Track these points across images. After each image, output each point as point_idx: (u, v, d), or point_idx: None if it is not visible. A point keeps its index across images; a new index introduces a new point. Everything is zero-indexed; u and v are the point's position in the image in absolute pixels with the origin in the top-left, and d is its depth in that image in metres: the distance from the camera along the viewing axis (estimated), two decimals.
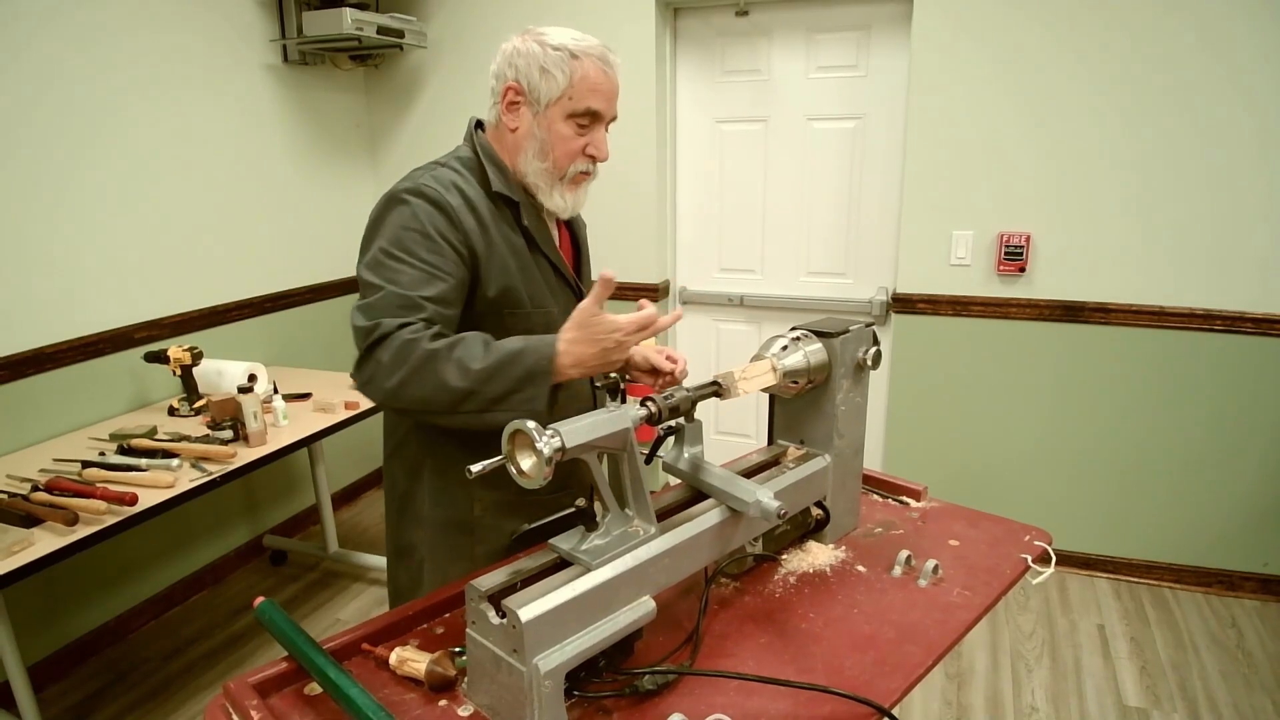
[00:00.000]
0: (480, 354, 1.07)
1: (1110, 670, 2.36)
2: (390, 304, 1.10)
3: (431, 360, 1.06)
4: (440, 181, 1.20)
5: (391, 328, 1.08)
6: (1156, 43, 2.42)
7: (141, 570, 2.66)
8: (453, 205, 1.17)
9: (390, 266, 1.13)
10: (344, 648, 0.99)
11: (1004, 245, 2.68)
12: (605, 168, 1.33)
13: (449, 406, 1.07)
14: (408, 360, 1.06)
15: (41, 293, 2.27)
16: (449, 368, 1.05)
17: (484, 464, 0.90)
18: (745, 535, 1.08)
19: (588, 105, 1.21)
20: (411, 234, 1.14)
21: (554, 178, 1.24)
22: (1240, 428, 2.60)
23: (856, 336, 1.18)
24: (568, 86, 1.20)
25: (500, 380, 1.06)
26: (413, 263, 1.13)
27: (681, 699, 0.91)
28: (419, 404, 1.09)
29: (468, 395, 1.06)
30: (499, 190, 1.23)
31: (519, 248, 1.25)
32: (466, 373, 1.05)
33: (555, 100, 1.20)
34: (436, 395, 1.07)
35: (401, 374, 1.06)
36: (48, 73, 2.25)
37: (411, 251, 1.14)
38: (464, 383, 1.05)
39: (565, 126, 1.22)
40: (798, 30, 2.93)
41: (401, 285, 1.11)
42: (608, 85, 1.22)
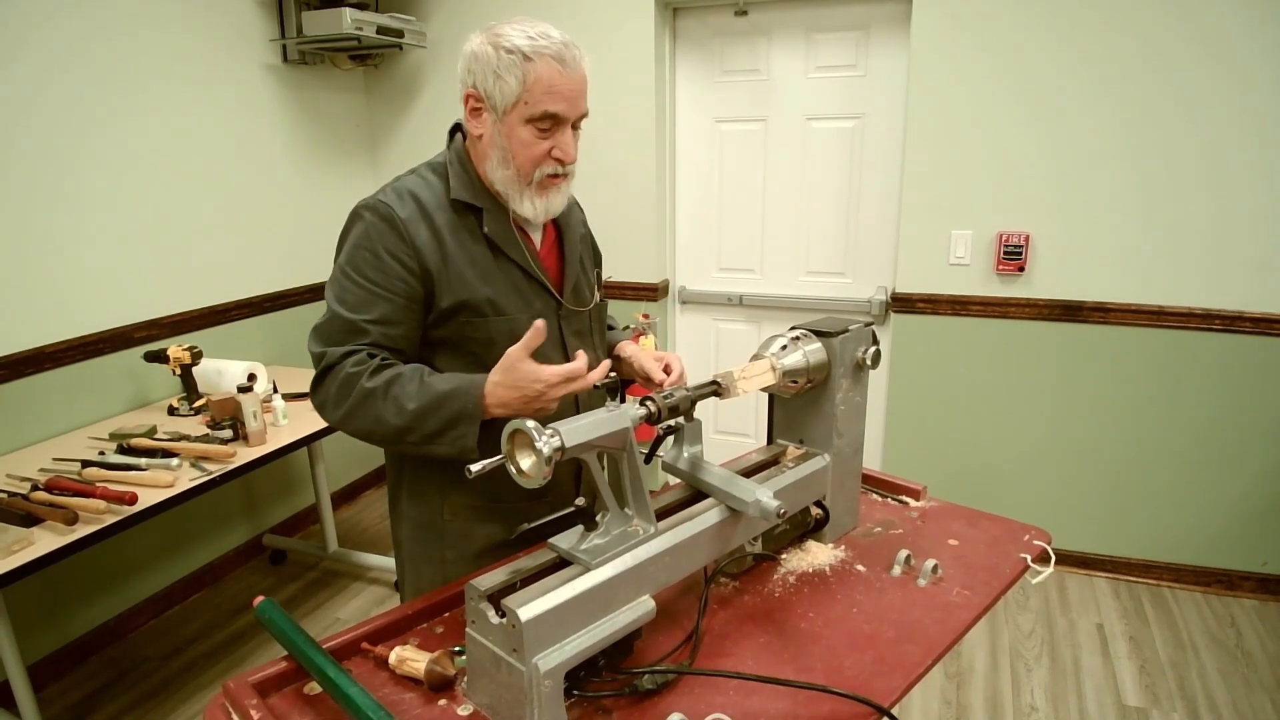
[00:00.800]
0: (414, 393, 1.12)
1: (1109, 670, 2.36)
2: (336, 329, 1.17)
3: (370, 398, 1.12)
4: (398, 192, 1.21)
5: (336, 357, 1.14)
6: (1156, 42, 2.42)
7: (141, 570, 2.66)
8: (402, 219, 1.18)
9: (342, 285, 1.18)
10: (344, 647, 0.99)
11: (1003, 245, 2.68)
12: (604, 167, 1.33)
13: (390, 440, 1.15)
14: (349, 395, 1.13)
15: (41, 292, 2.27)
16: (386, 406, 1.12)
17: (483, 463, 0.90)
18: (745, 535, 1.08)
19: (544, 109, 1.16)
20: (362, 252, 1.17)
21: (520, 184, 1.21)
22: (1239, 427, 2.60)
23: (856, 336, 1.18)
24: (522, 91, 1.15)
25: (433, 419, 1.11)
26: (360, 282, 1.17)
27: (681, 698, 0.91)
28: (364, 435, 1.17)
29: (405, 431, 1.12)
30: (458, 198, 1.22)
31: (479, 256, 1.22)
32: (401, 411, 1.11)
33: (512, 106, 1.16)
34: (376, 429, 1.14)
35: (345, 408, 1.13)
36: (47, 72, 2.25)
37: (360, 271, 1.17)
38: (399, 421, 1.12)
39: (525, 131, 1.17)
40: (797, 30, 2.93)
41: (348, 307, 1.16)
42: (566, 85, 1.16)
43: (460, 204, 1.22)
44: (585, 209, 1.49)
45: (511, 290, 1.25)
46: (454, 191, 1.22)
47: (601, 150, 3.05)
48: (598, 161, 3.07)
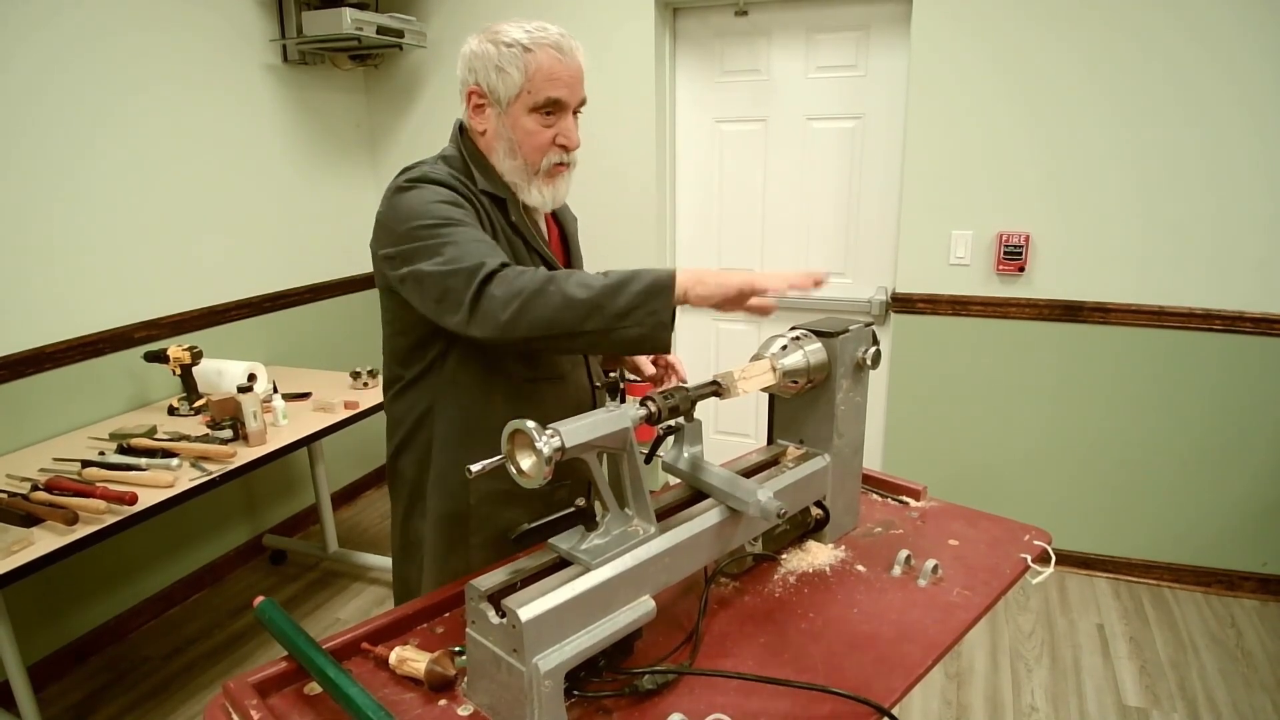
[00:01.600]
0: (598, 276, 1.08)
1: (1110, 670, 2.36)
2: (474, 253, 1.11)
3: (551, 282, 1.06)
4: (438, 174, 1.23)
5: (497, 265, 1.09)
6: (1156, 42, 2.42)
7: (141, 570, 2.66)
8: (459, 190, 1.22)
9: (442, 232, 1.13)
10: (344, 647, 0.99)
11: (1003, 245, 2.68)
12: (604, 167, 1.35)
13: (574, 323, 1.05)
14: (525, 288, 1.06)
15: (41, 292, 2.27)
16: (570, 286, 1.05)
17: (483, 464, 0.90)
18: (745, 535, 1.08)
19: (547, 95, 1.21)
20: (440, 205, 1.17)
21: (529, 173, 1.26)
22: (1239, 427, 2.60)
23: (856, 336, 1.18)
24: (525, 80, 1.20)
25: (624, 295, 1.04)
26: (460, 218, 1.16)
27: (681, 699, 0.91)
28: (541, 326, 1.06)
29: (593, 309, 1.04)
30: (485, 189, 1.25)
31: (514, 243, 1.27)
32: (589, 288, 1.05)
33: (515, 97, 1.21)
34: (560, 314, 1.05)
35: (520, 300, 1.05)
36: (47, 72, 2.25)
37: (450, 217, 1.16)
38: (588, 295, 1.04)
39: (530, 121, 1.23)
40: (797, 30, 2.93)
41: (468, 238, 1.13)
42: (566, 72, 1.22)
43: (488, 195, 1.26)
44: (586, 209, 1.54)
45: None
46: (480, 183, 1.25)
47: (601, 150, 3.05)
48: (598, 161, 3.07)
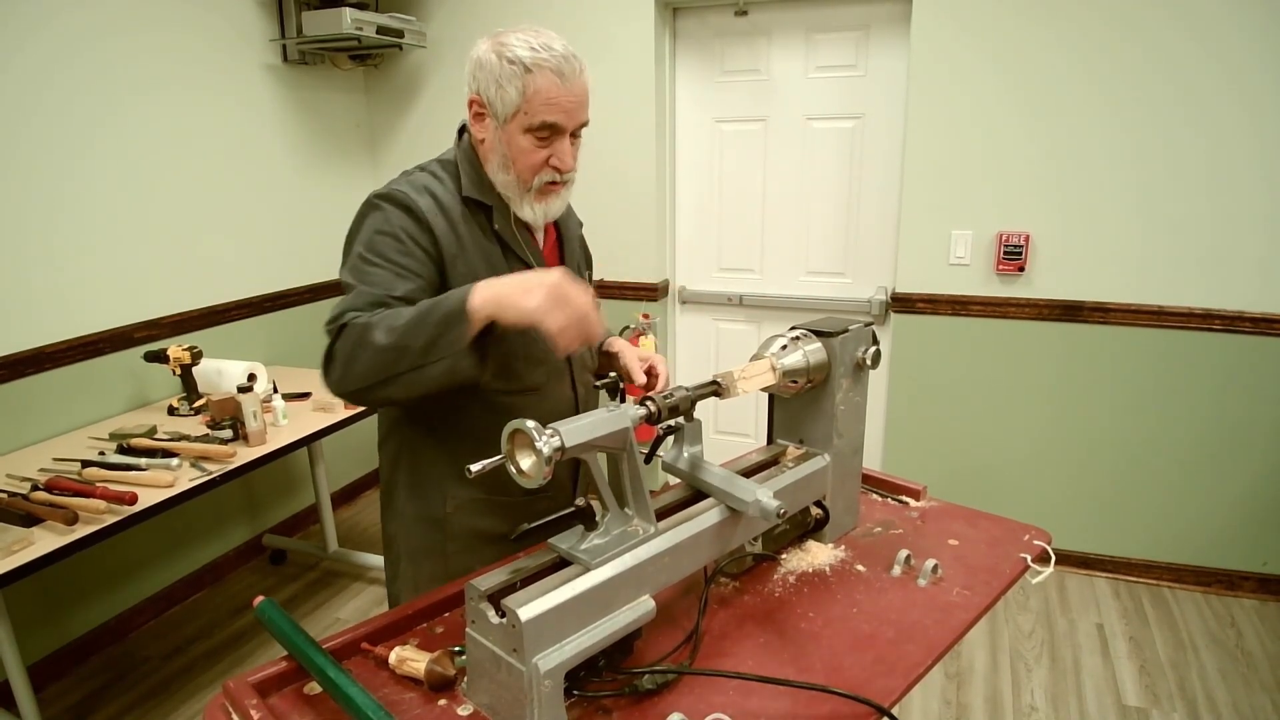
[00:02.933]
0: (406, 313, 1.08)
1: (1109, 670, 2.36)
2: (360, 302, 1.13)
3: (365, 331, 1.07)
4: (414, 185, 1.22)
5: (349, 320, 1.10)
6: (1156, 42, 2.42)
7: (141, 570, 2.66)
8: (422, 208, 1.19)
9: (363, 270, 1.16)
10: (344, 647, 0.99)
11: (1003, 245, 2.68)
12: (604, 167, 1.35)
13: (386, 370, 1.06)
14: (349, 342, 1.08)
15: (41, 292, 2.27)
16: (378, 332, 1.06)
17: (483, 464, 0.90)
18: (745, 535, 1.08)
19: (543, 120, 1.18)
20: (383, 238, 1.17)
21: (521, 189, 1.24)
22: (1239, 427, 2.60)
23: (856, 336, 1.18)
24: (522, 101, 1.17)
25: (423, 329, 1.05)
26: (383, 264, 1.16)
27: (681, 698, 0.91)
28: (363, 380, 1.08)
29: (399, 352, 1.05)
30: (470, 195, 1.24)
31: (491, 253, 1.25)
32: (392, 330, 1.06)
33: (512, 115, 1.19)
34: (373, 364, 1.07)
35: (345, 356, 1.08)
36: (47, 72, 2.25)
37: (383, 254, 1.16)
38: (391, 339, 1.05)
39: (525, 140, 1.20)
40: (797, 30, 2.93)
41: (372, 285, 1.14)
42: (566, 98, 1.18)
43: (472, 201, 1.25)
44: (586, 209, 1.52)
45: None
46: (466, 190, 1.24)
47: (601, 150, 3.05)
48: (598, 161, 3.07)
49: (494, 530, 1.31)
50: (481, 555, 1.29)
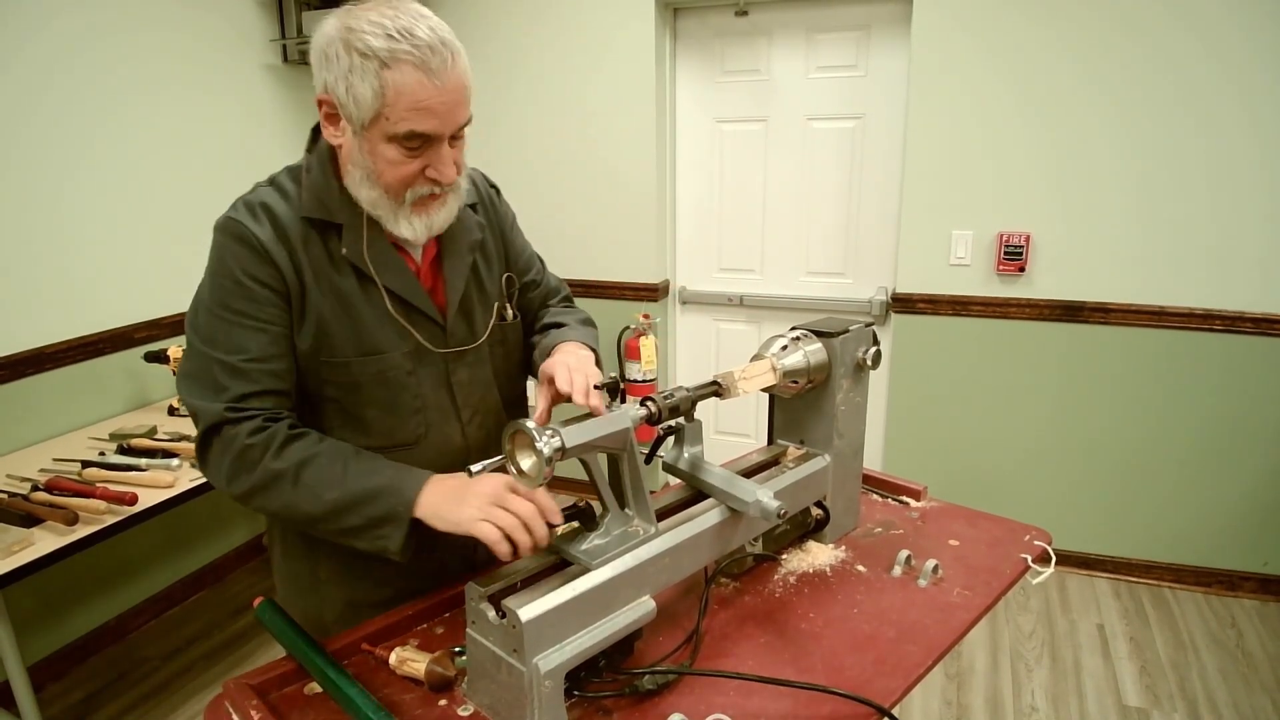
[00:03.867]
0: (335, 479, 0.96)
1: (1110, 670, 2.36)
2: (211, 374, 0.99)
3: (279, 482, 0.96)
4: (251, 207, 1.02)
5: (218, 416, 0.97)
6: (1156, 42, 2.42)
7: (141, 570, 2.66)
8: (260, 240, 1.00)
9: (208, 323, 1.00)
10: (344, 648, 0.99)
11: (1003, 245, 2.68)
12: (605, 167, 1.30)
13: (301, 525, 1.02)
14: (251, 472, 0.97)
15: (41, 292, 2.27)
16: (299, 493, 0.96)
17: (484, 464, 0.90)
18: (745, 535, 1.08)
19: (410, 128, 0.94)
20: (222, 281, 1.00)
21: (393, 206, 1.01)
22: (1240, 427, 2.60)
23: (856, 336, 1.18)
24: (381, 105, 0.93)
25: (353, 515, 0.96)
26: (227, 317, 0.99)
27: (681, 699, 0.91)
28: (269, 514, 1.03)
29: (319, 520, 0.98)
30: (310, 215, 1.02)
31: (339, 282, 1.03)
32: (317, 500, 0.96)
33: (370, 120, 0.95)
34: (287, 513, 0.99)
35: (245, 486, 0.97)
36: (48, 72, 2.24)
37: (225, 303, 0.99)
38: (314, 509, 0.97)
39: (390, 150, 0.96)
40: (797, 30, 2.93)
41: (220, 348, 0.99)
42: (436, 98, 0.94)
43: (315, 222, 1.03)
44: (586, 208, 1.38)
45: (382, 322, 1.06)
46: (305, 208, 1.02)
47: (602, 150, 3.05)
48: (598, 162, 3.07)
49: (371, 598, 1.11)
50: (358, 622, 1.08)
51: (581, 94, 3.07)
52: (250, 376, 0.99)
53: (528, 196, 2.85)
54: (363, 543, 0.98)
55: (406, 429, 1.10)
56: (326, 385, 1.06)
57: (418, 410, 1.10)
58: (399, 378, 1.08)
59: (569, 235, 3.15)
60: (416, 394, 1.09)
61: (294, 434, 1.00)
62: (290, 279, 1.01)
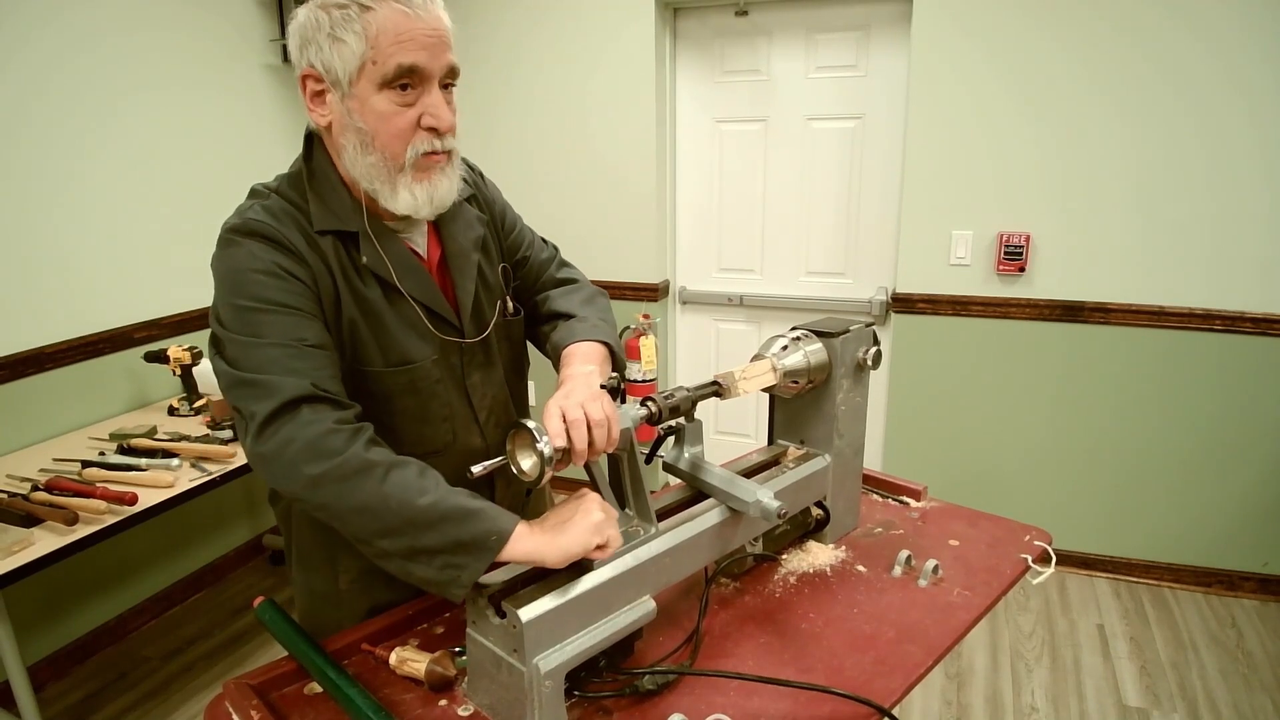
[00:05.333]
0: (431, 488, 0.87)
1: (1110, 670, 2.36)
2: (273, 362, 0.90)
3: (365, 473, 0.86)
4: (270, 211, 0.98)
5: (303, 391, 0.88)
6: (1157, 42, 2.42)
7: (141, 570, 2.66)
8: (289, 239, 0.96)
9: (246, 320, 0.92)
10: (344, 648, 0.99)
11: (1004, 245, 2.68)
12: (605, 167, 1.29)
13: (362, 533, 0.87)
14: (331, 458, 0.86)
15: (41, 292, 2.27)
16: (386, 492, 0.85)
17: (485, 465, 0.90)
18: (745, 535, 1.08)
19: (398, 62, 0.92)
20: (257, 277, 0.93)
21: (391, 171, 0.96)
22: (1240, 428, 2.60)
23: (856, 336, 1.18)
24: (366, 48, 0.91)
25: (437, 533, 0.85)
26: (269, 308, 0.92)
27: (681, 699, 0.91)
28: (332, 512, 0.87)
29: (392, 531, 0.86)
30: (324, 229, 0.98)
31: (364, 293, 1.01)
32: (405, 505, 0.85)
33: (358, 72, 0.92)
34: (354, 515, 0.86)
35: (318, 470, 0.85)
36: (48, 71, 2.24)
37: (264, 297, 0.92)
38: (397, 516, 0.85)
39: (382, 100, 0.93)
40: (797, 30, 2.93)
41: (274, 337, 0.91)
42: (420, 29, 0.92)
43: (329, 234, 0.99)
44: (586, 208, 1.37)
45: (406, 331, 1.03)
46: (317, 222, 0.98)
47: (602, 150, 3.05)
48: (598, 162, 3.07)
49: (396, 601, 1.09)
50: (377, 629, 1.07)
51: (581, 94, 3.07)
52: (318, 359, 0.92)
53: (528, 196, 2.85)
54: (428, 569, 0.86)
55: (437, 436, 1.09)
56: (358, 395, 0.99)
57: (446, 418, 1.09)
58: (428, 386, 1.06)
59: (569, 235, 3.13)
60: (445, 401, 1.08)
61: (378, 441, 0.91)
62: (324, 284, 0.98)
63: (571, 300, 1.21)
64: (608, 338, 1.15)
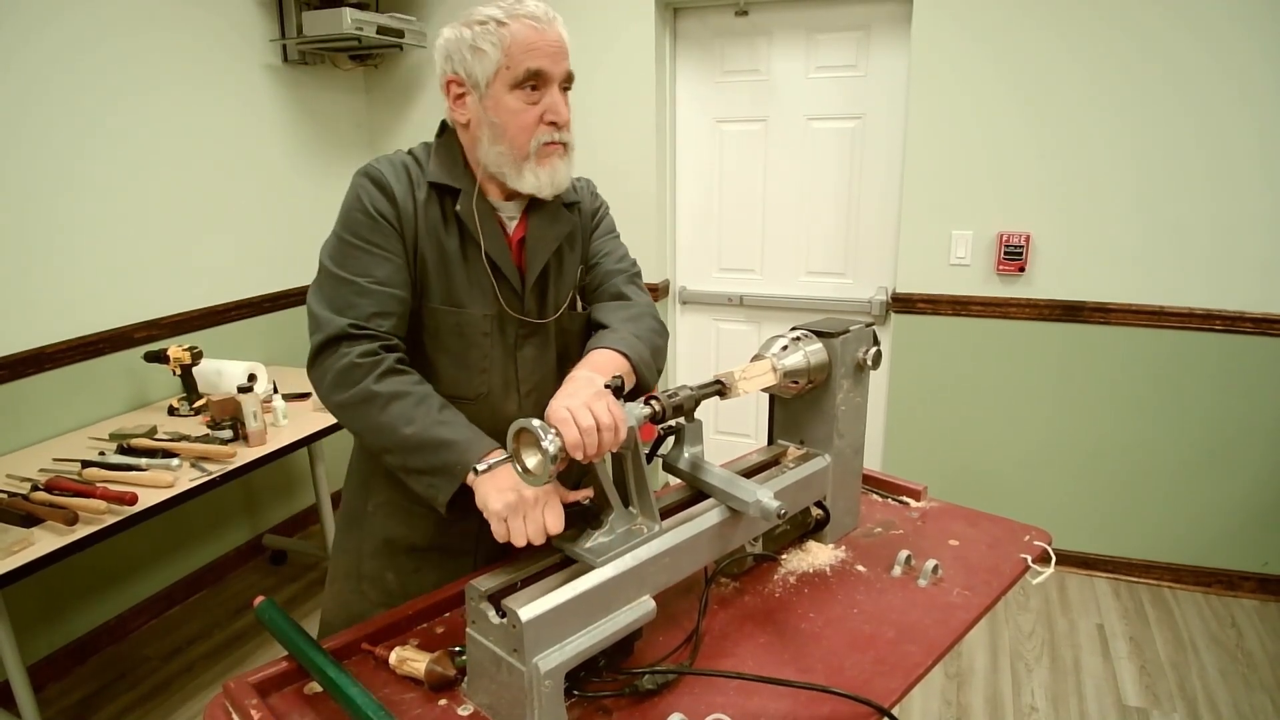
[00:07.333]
0: (416, 418, 1.07)
1: (1110, 670, 2.36)
2: (339, 290, 1.13)
3: (370, 403, 1.08)
4: (393, 164, 1.19)
5: (341, 330, 1.10)
6: (1156, 41, 2.42)
7: (141, 570, 2.66)
8: (394, 186, 1.16)
9: (339, 249, 1.15)
10: (344, 647, 0.99)
11: (1003, 245, 2.68)
12: (604, 167, 1.32)
13: (371, 446, 1.12)
14: (350, 387, 1.09)
15: (41, 292, 2.27)
16: (383, 418, 1.08)
17: (489, 463, 0.90)
18: (745, 535, 1.08)
19: (527, 67, 1.12)
20: (357, 215, 1.15)
21: (518, 158, 1.16)
22: (1240, 427, 2.60)
23: (856, 336, 1.18)
24: (502, 57, 1.11)
25: (418, 457, 1.07)
26: (358, 244, 1.14)
27: (681, 699, 0.91)
28: (350, 428, 1.14)
29: (388, 450, 1.09)
30: (435, 180, 1.18)
31: (444, 241, 1.19)
32: (393, 432, 1.07)
33: (494, 75, 1.13)
34: (365, 434, 1.12)
35: (341, 397, 1.10)
36: (48, 72, 2.24)
37: (357, 233, 1.15)
38: (390, 439, 1.08)
39: (512, 99, 1.13)
40: (797, 30, 2.93)
41: (348, 270, 1.13)
42: (544, 41, 1.13)
43: (436, 186, 1.19)
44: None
45: (471, 282, 1.20)
46: (431, 174, 1.19)
47: (601, 150, 3.05)
48: (598, 162, 3.07)
49: (407, 540, 1.26)
50: (394, 563, 1.26)
51: (581, 94, 3.04)
52: (375, 297, 1.12)
53: None
54: (418, 484, 1.07)
55: (471, 385, 1.22)
56: (415, 327, 1.19)
57: (484, 370, 1.21)
58: (474, 336, 1.19)
59: None
60: (486, 354, 1.21)
61: (399, 368, 1.11)
62: (409, 226, 1.16)
63: (617, 314, 1.27)
64: (631, 351, 1.18)
